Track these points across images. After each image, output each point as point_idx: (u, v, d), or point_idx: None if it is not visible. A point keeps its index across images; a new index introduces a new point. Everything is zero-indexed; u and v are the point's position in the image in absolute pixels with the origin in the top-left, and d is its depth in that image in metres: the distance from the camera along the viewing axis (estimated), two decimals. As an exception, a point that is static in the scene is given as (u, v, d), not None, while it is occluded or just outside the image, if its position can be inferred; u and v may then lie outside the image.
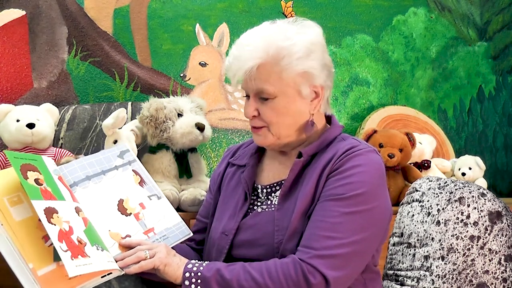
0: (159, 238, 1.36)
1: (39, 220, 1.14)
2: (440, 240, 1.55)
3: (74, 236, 1.17)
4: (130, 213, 1.35)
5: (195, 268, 1.26)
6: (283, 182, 1.39)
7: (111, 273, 1.22)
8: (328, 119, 1.46)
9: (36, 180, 1.18)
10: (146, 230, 1.35)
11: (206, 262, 1.29)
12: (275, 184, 1.41)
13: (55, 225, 1.14)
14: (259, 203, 1.41)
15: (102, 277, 1.20)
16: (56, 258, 1.14)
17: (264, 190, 1.42)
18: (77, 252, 1.15)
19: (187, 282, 1.25)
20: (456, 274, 1.52)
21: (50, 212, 1.14)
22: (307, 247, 1.25)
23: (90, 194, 1.31)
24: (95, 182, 1.34)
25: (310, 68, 1.34)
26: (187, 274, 1.26)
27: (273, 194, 1.40)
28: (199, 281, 1.25)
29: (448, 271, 1.52)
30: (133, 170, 1.43)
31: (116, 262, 1.27)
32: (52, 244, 1.13)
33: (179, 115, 2.03)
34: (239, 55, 1.34)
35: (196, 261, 1.30)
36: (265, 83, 1.33)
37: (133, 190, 1.40)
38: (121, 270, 1.24)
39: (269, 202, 1.39)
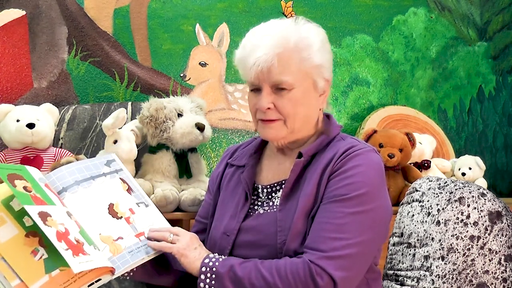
0: None
1: (26, 235, 1.14)
2: (440, 240, 1.55)
3: (72, 237, 1.17)
4: (121, 217, 1.34)
5: (211, 263, 1.29)
6: (283, 182, 1.40)
7: (99, 279, 1.21)
8: (326, 118, 1.47)
9: (25, 188, 1.18)
10: (137, 234, 1.34)
11: (222, 257, 1.31)
12: (275, 184, 1.42)
13: (51, 227, 1.14)
14: (259, 203, 1.41)
15: (89, 286, 1.19)
16: (48, 270, 1.14)
17: (265, 190, 1.42)
18: (78, 250, 1.15)
19: (202, 276, 1.28)
20: (456, 274, 1.52)
21: (44, 216, 1.14)
22: (314, 249, 1.25)
23: (80, 199, 1.30)
24: (84, 187, 1.33)
25: (326, 61, 1.37)
26: (203, 269, 1.28)
27: (274, 195, 1.40)
28: (213, 276, 1.27)
29: (448, 271, 1.52)
30: (120, 178, 1.43)
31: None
32: (42, 257, 1.13)
33: (179, 115, 2.03)
34: (259, 44, 1.32)
35: (215, 255, 1.32)
36: (284, 73, 1.32)
37: (122, 196, 1.39)
38: (111, 274, 1.24)
39: (270, 203, 1.39)
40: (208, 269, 1.27)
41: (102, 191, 1.36)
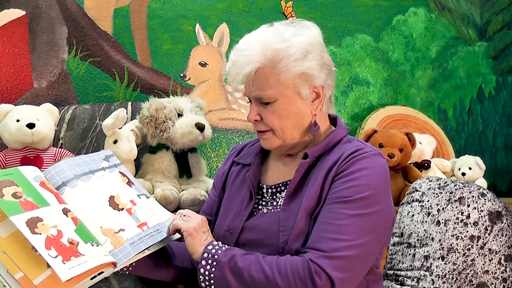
0: (153, 231, 1.35)
1: None
2: (440, 240, 1.55)
3: (64, 239, 1.17)
4: (122, 208, 1.34)
5: (213, 251, 1.29)
6: (288, 182, 1.40)
7: (102, 272, 1.21)
8: (334, 120, 1.47)
9: (14, 194, 1.18)
10: (139, 224, 1.34)
11: (226, 246, 1.31)
12: (280, 185, 1.42)
13: (40, 234, 1.13)
14: (264, 203, 1.42)
15: (91, 278, 1.19)
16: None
17: (269, 190, 1.43)
18: (69, 254, 1.15)
19: (203, 262, 1.28)
20: (456, 274, 1.52)
21: (33, 223, 1.14)
22: (315, 249, 1.25)
23: (80, 193, 1.31)
24: (84, 181, 1.33)
25: (308, 69, 1.34)
26: (205, 255, 1.28)
27: (278, 195, 1.41)
28: (214, 263, 1.27)
29: (448, 271, 1.52)
30: (120, 172, 1.43)
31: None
32: None
33: (179, 115, 2.03)
34: (237, 60, 1.35)
35: (218, 243, 1.32)
36: (264, 88, 1.34)
37: (122, 188, 1.39)
38: (114, 267, 1.24)
39: (274, 203, 1.40)
40: (210, 255, 1.28)
41: (102, 184, 1.36)
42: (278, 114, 1.36)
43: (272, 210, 1.38)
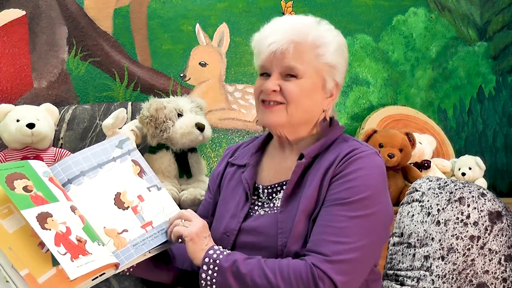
0: (157, 232, 1.33)
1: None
2: (440, 240, 1.55)
3: (73, 236, 1.16)
4: (128, 207, 1.32)
5: (215, 255, 1.28)
6: (284, 183, 1.39)
7: (103, 273, 1.21)
8: (329, 120, 1.47)
9: (25, 188, 1.16)
10: (144, 224, 1.32)
11: (226, 251, 1.30)
12: (276, 185, 1.41)
13: (50, 229, 1.12)
14: (260, 204, 1.41)
15: (93, 279, 1.19)
16: (55, 262, 1.12)
17: (265, 191, 1.41)
18: (77, 251, 1.14)
19: (205, 267, 1.27)
20: (456, 274, 1.52)
21: (43, 218, 1.13)
22: (316, 252, 1.25)
23: (85, 191, 1.29)
24: (90, 177, 1.31)
25: (339, 64, 1.38)
26: (206, 260, 1.27)
27: (274, 196, 1.40)
28: (216, 268, 1.26)
29: (448, 271, 1.52)
30: (132, 160, 1.39)
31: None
32: (49, 249, 1.13)
33: (179, 115, 2.03)
34: (278, 29, 1.36)
35: (219, 248, 1.31)
36: (297, 61, 1.34)
37: (131, 182, 1.37)
38: (115, 269, 1.23)
39: (271, 204, 1.39)
40: (211, 260, 1.27)
41: (109, 179, 1.33)
42: (300, 89, 1.35)
43: (269, 211, 1.37)
